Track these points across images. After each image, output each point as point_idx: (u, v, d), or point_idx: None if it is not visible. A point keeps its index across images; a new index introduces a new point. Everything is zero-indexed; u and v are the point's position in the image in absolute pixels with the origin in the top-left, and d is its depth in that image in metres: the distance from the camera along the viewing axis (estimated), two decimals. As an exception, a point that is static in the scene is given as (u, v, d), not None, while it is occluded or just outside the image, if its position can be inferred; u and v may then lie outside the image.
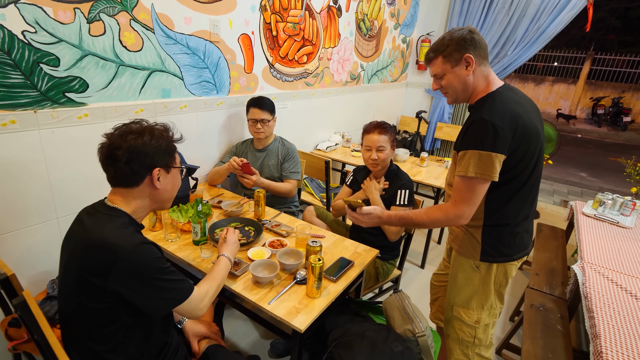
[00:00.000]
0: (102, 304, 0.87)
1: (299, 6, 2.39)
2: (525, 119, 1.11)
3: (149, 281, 0.88)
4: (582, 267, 1.65)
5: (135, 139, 0.93)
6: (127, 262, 0.85)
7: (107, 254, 0.85)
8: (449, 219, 1.18)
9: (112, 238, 0.86)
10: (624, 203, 2.24)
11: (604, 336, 1.25)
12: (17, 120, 1.29)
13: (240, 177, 1.93)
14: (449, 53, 1.16)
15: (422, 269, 2.66)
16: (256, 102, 1.99)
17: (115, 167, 0.93)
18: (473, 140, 1.10)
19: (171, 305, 0.94)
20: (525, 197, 1.22)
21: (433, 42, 1.23)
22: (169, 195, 1.04)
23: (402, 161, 2.91)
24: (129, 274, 0.86)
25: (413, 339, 1.27)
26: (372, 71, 3.45)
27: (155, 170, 0.95)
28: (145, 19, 1.58)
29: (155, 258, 0.91)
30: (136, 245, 0.87)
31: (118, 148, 0.91)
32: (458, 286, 1.36)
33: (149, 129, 0.97)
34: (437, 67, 1.20)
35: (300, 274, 1.29)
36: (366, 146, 1.78)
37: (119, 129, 0.96)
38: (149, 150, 0.94)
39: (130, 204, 0.97)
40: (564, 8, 3.07)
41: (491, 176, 1.09)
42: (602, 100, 10.99)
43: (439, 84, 1.24)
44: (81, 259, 0.87)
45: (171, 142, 1.01)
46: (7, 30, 1.21)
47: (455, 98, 1.24)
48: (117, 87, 1.56)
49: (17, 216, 1.38)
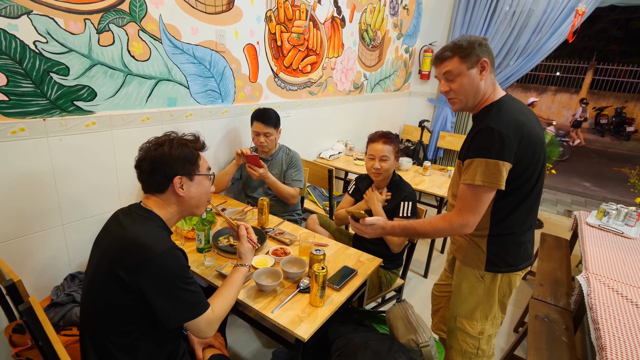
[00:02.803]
0: (125, 301, 0.90)
1: (303, 17, 2.43)
2: (530, 128, 1.12)
3: (171, 287, 0.91)
4: (586, 278, 1.64)
5: (156, 149, 1.00)
6: (157, 263, 0.89)
7: (140, 252, 0.89)
8: (453, 228, 1.18)
9: (147, 238, 0.92)
10: (628, 213, 2.23)
11: (610, 348, 1.24)
12: (26, 128, 1.31)
13: (249, 168, 1.94)
14: (467, 54, 1.13)
15: (425, 279, 2.65)
16: (260, 116, 1.99)
17: (141, 177, 1.02)
18: (480, 149, 1.10)
19: (182, 319, 0.95)
20: (530, 207, 1.22)
21: (445, 45, 1.18)
22: (196, 202, 1.07)
23: (405, 170, 2.91)
24: (156, 274, 0.89)
25: (417, 349, 1.26)
26: (375, 80, 3.48)
27: (176, 179, 1.00)
28: (153, 29, 1.61)
29: (183, 266, 0.95)
30: (168, 249, 0.92)
31: (142, 160, 1.01)
32: (462, 297, 1.35)
33: (169, 140, 1.03)
34: (453, 66, 1.15)
35: (303, 283, 1.29)
36: (370, 155, 1.79)
37: (149, 142, 1.04)
38: (168, 160, 0.99)
39: (162, 208, 1.03)
40: (565, 20, 3.10)
41: (498, 184, 1.09)
42: (605, 110, 10.99)
43: (449, 87, 1.18)
44: (116, 253, 0.92)
45: (193, 151, 1.04)
46: (20, 41, 1.24)
47: (464, 104, 1.20)
48: (125, 95, 1.58)
49: (24, 222, 1.39)
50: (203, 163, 1.08)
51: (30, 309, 0.85)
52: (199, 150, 1.07)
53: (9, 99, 1.26)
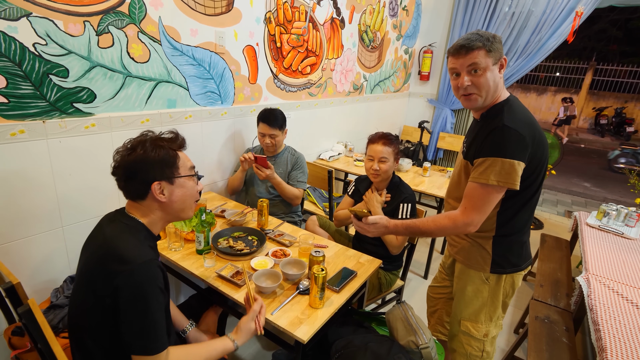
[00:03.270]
0: (104, 302, 0.87)
1: (303, 18, 2.43)
2: (538, 127, 1.13)
3: (136, 303, 0.85)
4: (587, 279, 1.64)
5: (129, 154, 0.92)
6: (130, 276, 0.85)
7: (117, 265, 0.86)
8: (457, 227, 1.16)
9: (125, 251, 0.88)
10: (628, 214, 2.23)
11: (610, 349, 1.23)
12: (26, 130, 1.31)
13: (256, 168, 1.95)
14: (494, 48, 1.08)
15: (425, 280, 2.65)
16: (266, 118, 2.00)
17: (119, 185, 0.95)
18: (495, 148, 1.07)
19: (134, 348, 0.86)
20: (533, 206, 1.22)
21: (466, 35, 1.10)
22: (180, 205, 0.99)
23: (405, 171, 2.91)
24: (128, 286, 0.85)
25: (416, 351, 1.26)
26: (374, 81, 3.48)
27: (154, 185, 0.92)
28: (152, 31, 1.61)
29: (156, 285, 0.88)
30: (144, 263, 0.87)
31: (117, 167, 0.93)
32: (466, 300, 1.34)
33: (142, 142, 0.94)
34: (481, 58, 1.07)
35: (303, 284, 1.28)
36: (369, 156, 1.79)
37: (124, 145, 0.95)
38: (143, 165, 0.91)
39: (145, 215, 0.97)
40: (565, 20, 3.11)
41: (514, 184, 1.06)
42: (604, 110, 10.99)
43: (471, 80, 1.10)
44: (97, 260, 0.90)
45: (170, 151, 0.95)
46: (19, 43, 1.24)
47: (483, 99, 1.13)
48: (124, 97, 1.58)
49: (23, 224, 1.39)
50: (184, 163, 0.99)
51: (29, 312, 0.85)
52: (178, 149, 0.99)
53: (9, 101, 1.26)
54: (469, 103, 1.15)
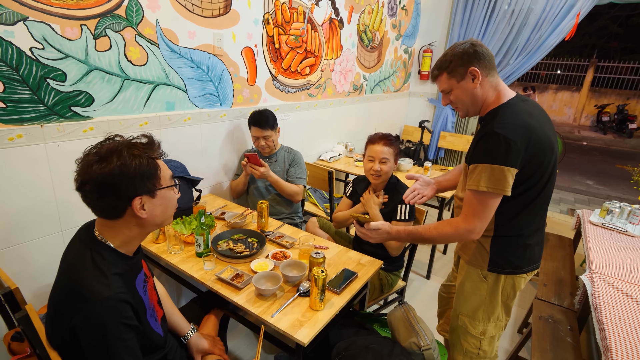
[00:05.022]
0: (66, 339, 0.82)
1: (301, 19, 2.43)
2: (539, 131, 1.09)
3: (96, 348, 0.77)
4: (590, 278, 1.62)
5: (102, 168, 0.78)
6: (88, 318, 0.77)
7: (75, 300, 0.79)
8: (459, 234, 1.16)
9: (84, 286, 0.79)
10: (631, 211, 2.21)
11: (615, 349, 1.22)
12: (24, 134, 1.31)
13: (250, 167, 1.96)
14: (453, 68, 1.16)
15: (428, 280, 2.63)
16: (256, 121, 2.01)
17: (88, 201, 0.82)
18: (485, 154, 1.08)
19: None
20: (538, 209, 1.20)
21: (437, 59, 1.23)
22: (161, 219, 0.90)
23: (406, 171, 2.90)
24: (85, 328, 0.78)
25: (419, 353, 1.24)
26: (374, 82, 3.47)
27: (135, 200, 0.82)
28: (150, 34, 1.61)
29: (118, 323, 0.78)
30: (105, 300, 0.77)
31: (85, 183, 0.79)
32: (465, 295, 1.35)
33: (117, 150, 0.81)
34: (443, 83, 1.20)
35: (303, 286, 1.27)
36: (369, 157, 1.77)
37: (88, 153, 0.82)
38: (122, 179, 0.79)
39: (117, 235, 0.86)
40: (565, 17, 3.09)
41: (504, 190, 1.07)
42: (606, 107, 10.94)
43: (448, 99, 1.23)
44: (61, 287, 0.85)
45: (150, 161, 0.84)
46: (16, 47, 1.24)
47: (466, 111, 1.23)
48: (122, 100, 1.58)
49: (22, 229, 1.39)
50: (164, 172, 0.89)
51: (27, 317, 0.85)
52: (157, 157, 0.87)
53: (6, 106, 1.26)
54: (460, 114, 1.27)
